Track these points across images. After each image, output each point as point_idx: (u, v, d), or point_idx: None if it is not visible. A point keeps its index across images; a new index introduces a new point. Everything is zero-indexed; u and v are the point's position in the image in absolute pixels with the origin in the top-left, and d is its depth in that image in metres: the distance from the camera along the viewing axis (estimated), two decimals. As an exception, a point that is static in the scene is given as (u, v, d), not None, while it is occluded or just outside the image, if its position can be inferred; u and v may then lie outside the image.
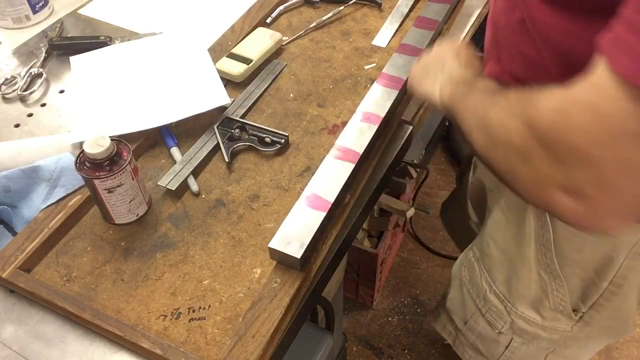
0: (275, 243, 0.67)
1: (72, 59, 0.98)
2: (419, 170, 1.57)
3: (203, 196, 0.79)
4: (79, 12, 1.14)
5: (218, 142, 0.84)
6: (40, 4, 1.12)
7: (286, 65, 0.98)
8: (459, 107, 0.63)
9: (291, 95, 0.93)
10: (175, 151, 0.83)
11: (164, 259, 0.72)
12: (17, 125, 0.92)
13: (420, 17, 1.01)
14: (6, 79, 0.98)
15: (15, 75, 0.99)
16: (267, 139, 0.84)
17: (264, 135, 0.84)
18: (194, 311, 0.66)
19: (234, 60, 0.95)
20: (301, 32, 1.04)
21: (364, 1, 1.10)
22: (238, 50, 0.97)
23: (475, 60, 0.75)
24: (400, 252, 1.81)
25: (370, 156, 0.82)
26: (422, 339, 1.62)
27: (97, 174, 0.69)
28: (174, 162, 0.82)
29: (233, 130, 0.85)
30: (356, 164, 0.76)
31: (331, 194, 0.72)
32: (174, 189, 0.78)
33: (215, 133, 0.85)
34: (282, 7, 1.09)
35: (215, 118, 0.87)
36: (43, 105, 0.95)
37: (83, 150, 0.68)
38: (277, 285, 0.66)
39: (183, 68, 0.94)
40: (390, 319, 1.66)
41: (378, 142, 0.84)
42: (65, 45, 1.03)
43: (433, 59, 0.78)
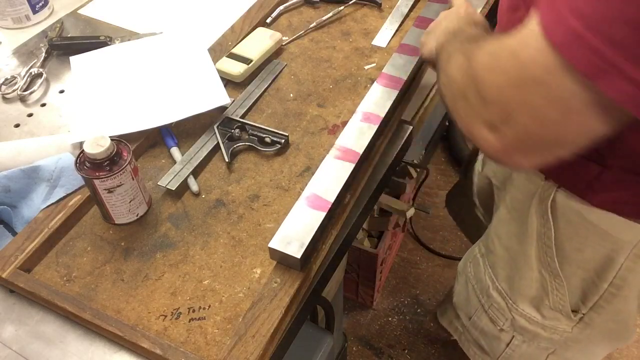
0: (275, 243, 0.67)
1: (72, 59, 0.98)
2: (419, 170, 1.57)
3: (203, 196, 0.79)
4: (79, 12, 1.14)
5: (218, 142, 0.84)
6: (40, 4, 1.12)
7: (286, 65, 0.98)
8: (440, 55, 0.66)
9: (291, 95, 0.93)
10: (175, 151, 0.83)
11: (164, 259, 0.72)
12: (17, 125, 0.92)
13: (420, 17, 1.01)
14: (6, 79, 0.98)
15: (15, 75, 0.99)
16: (267, 139, 0.84)
17: (264, 135, 0.84)
18: (194, 311, 0.66)
19: (234, 60, 0.95)
20: (301, 32, 1.04)
21: (364, 1, 1.10)
22: (238, 50, 0.97)
23: (478, 16, 0.77)
24: (400, 252, 1.81)
25: (370, 156, 0.82)
26: (422, 339, 1.62)
27: (97, 174, 0.69)
28: (174, 162, 0.82)
29: (233, 130, 0.85)
30: (356, 164, 0.76)
31: (331, 194, 0.72)
32: (174, 189, 0.78)
33: (215, 133, 0.85)
34: (282, 7, 1.09)
35: (215, 118, 0.87)
36: (43, 105, 0.95)
37: (83, 150, 0.68)
38: (277, 285, 0.66)
39: (183, 68, 0.94)
40: (390, 319, 1.66)
41: (378, 142, 0.84)
42: (65, 45, 1.03)
43: (438, 21, 0.80)
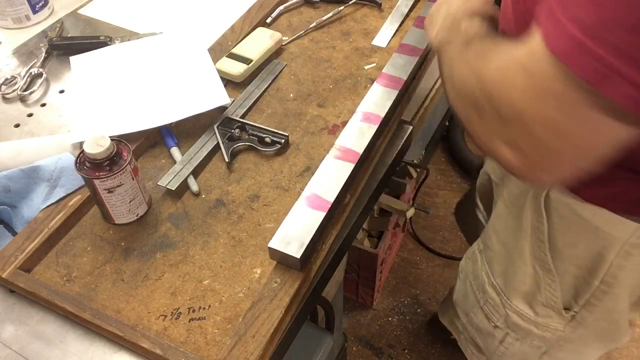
0: (275, 243, 0.67)
1: (72, 59, 0.98)
2: (419, 170, 1.57)
3: (203, 196, 0.79)
4: (79, 12, 1.14)
5: (218, 142, 0.84)
6: (40, 4, 1.12)
7: (286, 65, 0.98)
8: (442, 56, 0.65)
9: (291, 95, 0.93)
10: (175, 151, 0.83)
11: (164, 259, 0.72)
12: (17, 125, 0.92)
13: (420, 17, 1.01)
14: (6, 79, 0.98)
15: (15, 75, 0.99)
16: (267, 139, 0.84)
17: (264, 135, 0.84)
18: (194, 311, 0.66)
19: (234, 60, 0.95)
20: (301, 32, 1.04)
21: (364, 1, 1.10)
22: (238, 50, 0.97)
23: (477, 4, 0.74)
24: (400, 252, 1.81)
25: (370, 156, 0.82)
26: (422, 339, 1.62)
27: (97, 174, 0.69)
28: (174, 162, 0.82)
29: (233, 130, 0.85)
30: (356, 164, 0.76)
31: (331, 194, 0.72)
32: (174, 189, 0.78)
33: (215, 133, 0.85)
34: (282, 7, 1.09)
35: (215, 118, 0.87)
36: (43, 105, 0.95)
37: (83, 150, 0.68)
38: (277, 285, 0.66)
39: (183, 68, 0.94)
40: (390, 319, 1.66)
41: (378, 142, 0.84)
42: (65, 45, 1.03)
43: (439, 2, 0.77)
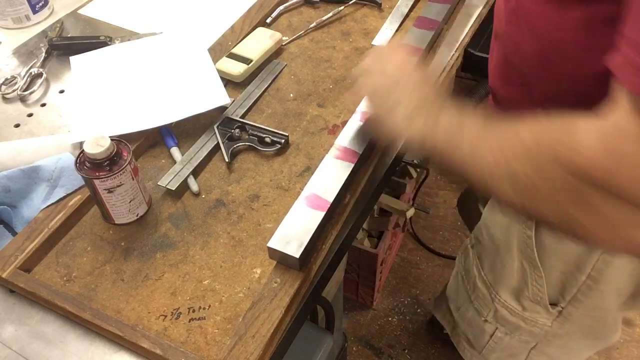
0: (274, 242, 0.67)
1: (72, 59, 0.98)
2: (419, 170, 1.57)
3: (203, 196, 0.79)
4: (79, 12, 1.14)
5: (218, 142, 0.84)
6: (40, 4, 1.12)
7: (286, 65, 0.98)
8: (461, 154, 0.55)
9: (291, 95, 0.93)
10: (175, 151, 0.83)
11: (164, 259, 0.72)
12: (17, 125, 0.92)
13: (420, 17, 1.01)
14: (6, 79, 0.98)
15: (15, 75, 0.99)
16: (267, 139, 0.84)
17: (264, 135, 0.84)
18: (194, 311, 0.66)
19: (234, 60, 0.95)
20: (301, 32, 1.04)
21: (364, 1, 1.10)
22: (238, 50, 0.97)
23: (431, 78, 0.67)
24: (400, 252, 1.81)
25: (370, 156, 0.82)
26: (422, 339, 1.62)
27: (97, 174, 0.69)
28: (174, 162, 0.82)
29: (233, 130, 0.85)
30: (356, 163, 0.76)
31: (330, 194, 0.72)
32: (174, 189, 0.78)
33: (215, 133, 0.85)
34: (282, 7, 1.09)
35: (215, 118, 0.87)
36: (43, 105, 0.95)
37: (83, 150, 0.68)
38: (277, 285, 0.66)
39: (183, 68, 0.94)
40: (390, 319, 1.66)
41: (378, 142, 0.84)
42: (65, 45, 1.03)
43: (387, 79, 0.67)
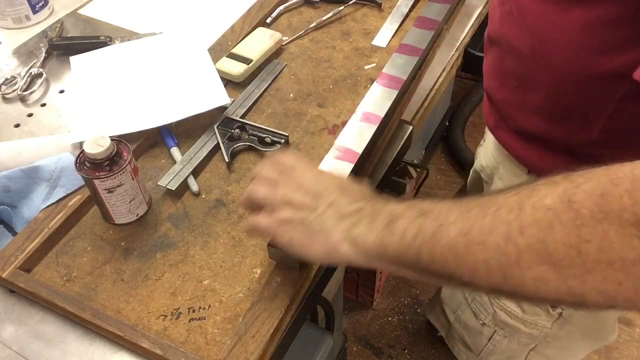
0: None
1: (72, 59, 0.98)
2: (419, 170, 1.57)
3: (203, 196, 0.79)
4: (79, 12, 1.14)
5: (218, 142, 0.84)
6: (40, 4, 1.12)
7: (286, 65, 0.98)
8: (448, 248, 0.46)
9: (291, 95, 0.93)
10: (175, 151, 0.83)
11: (164, 259, 0.72)
12: (17, 125, 0.92)
13: (420, 17, 1.01)
14: (6, 79, 0.98)
15: (15, 75, 0.99)
16: (267, 139, 0.84)
17: (264, 135, 0.84)
18: (194, 311, 0.66)
19: (234, 60, 0.95)
20: (301, 32, 1.04)
21: (364, 1, 1.10)
22: (238, 50, 0.97)
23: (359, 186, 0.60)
24: (400, 252, 1.81)
25: (370, 156, 0.82)
26: (422, 339, 1.62)
27: (97, 174, 0.69)
28: (174, 162, 0.82)
29: (233, 130, 0.85)
30: (356, 163, 0.76)
31: (331, 194, 0.72)
32: (174, 189, 0.78)
33: (215, 133, 0.85)
34: (282, 7, 1.09)
35: (215, 118, 0.87)
36: (43, 105, 0.95)
37: (83, 150, 0.68)
38: (277, 285, 0.66)
39: (183, 68, 0.94)
40: (390, 319, 1.66)
41: (378, 142, 0.84)
42: (65, 45, 1.03)
43: (304, 201, 0.56)
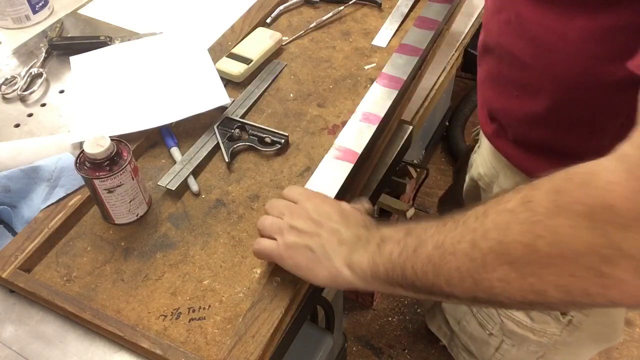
0: (275, 243, 0.67)
1: (72, 59, 0.98)
2: (419, 170, 1.57)
3: (203, 196, 0.79)
4: (79, 12, 1.14)
5: (218, 142, 0.84)
6: (40, 4, 1.12)
7: (286, 65, 0.98)
8: (427, 260, 0.49)
9: (291, 95, 0.93)
10: (175, 151, 0.83)
11: (164, 259, 0.72)
12: (17, 125, 0.92)
13: (420, 17, 1.01)
14: (6, 79, 0.98)
15: (15, 75, 0.99)
16: (267, 139, 0.84)
17: (264, 135, 0.84)
18: (194, 311, 0.66)
19: (234, 60, 0.95)
20: (301, 32, 1.04)
21: (364, 1, 1.10)
22: (238, 50, 0.97)
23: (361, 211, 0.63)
24: (400, 252, 1.81)
25: (370, 156, 0.82)
26: (422, 339, 1.62)
27: (97, 174, 0.69)
28: (174, 162, 0.82)
29: (233, 130, 0.85)
30: (355, 163, 0.76)
31: (330, 194, 0.72)
32: (174, 189, 0.78)
33: (215, 133, 0.85)
34: (282, 7, 1.09)
35: (215, 118, 0.87)
36: (43, 105, 0.95)
37: (83, 150, 0.68)
38: (277, 285, 0.66)
39: (183, 68, 0.94)
40: (390, 319, 1.66)
41: (378, 142, 0.84)
42: (65, 45, 1.03)
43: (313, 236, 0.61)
